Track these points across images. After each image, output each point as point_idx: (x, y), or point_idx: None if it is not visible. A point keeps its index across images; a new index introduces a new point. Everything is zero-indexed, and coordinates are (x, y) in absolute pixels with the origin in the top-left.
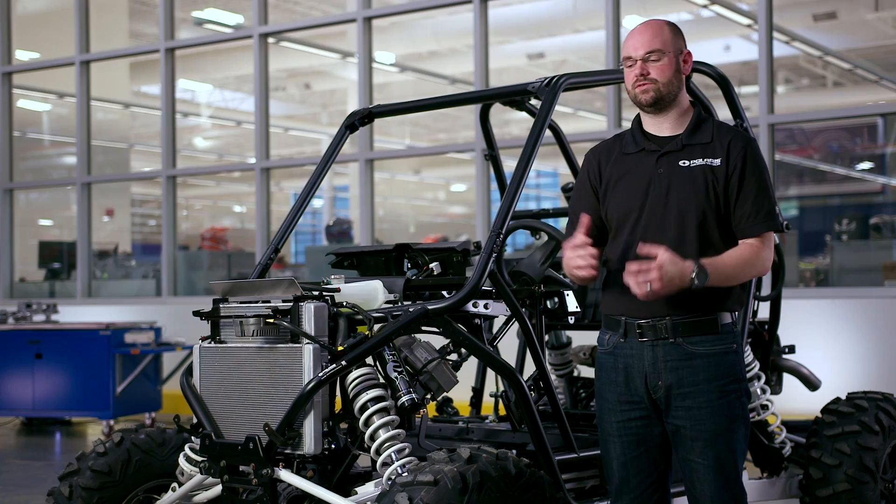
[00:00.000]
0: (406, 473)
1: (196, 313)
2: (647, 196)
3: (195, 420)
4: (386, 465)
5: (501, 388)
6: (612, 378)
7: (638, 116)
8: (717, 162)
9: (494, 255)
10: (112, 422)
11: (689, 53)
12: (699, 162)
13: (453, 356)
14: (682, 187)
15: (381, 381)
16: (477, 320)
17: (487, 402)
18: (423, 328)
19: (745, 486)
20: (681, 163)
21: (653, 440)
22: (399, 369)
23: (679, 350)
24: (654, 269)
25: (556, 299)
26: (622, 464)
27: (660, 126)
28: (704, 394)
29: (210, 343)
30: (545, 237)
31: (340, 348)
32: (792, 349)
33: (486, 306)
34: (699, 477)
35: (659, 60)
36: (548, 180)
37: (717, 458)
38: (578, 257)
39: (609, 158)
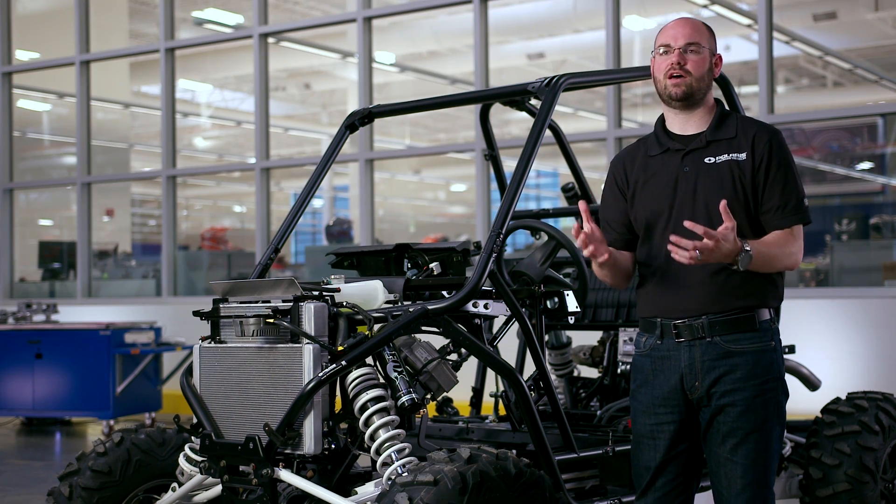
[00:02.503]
0: (406, 473)
1: (196, 313)
2: (674, 196)
3: (195, 420)
4: (386, 465)
5: (501, 388)
6: (647, 380)
7: (662, 117)
8: (743, 156)
9: (494, 255)
10: (112, 422)
11: (720, 57)
12: (724, 158)
13: (453, 356)
14: (708, 184)
15: (381, 381)
16: (477, 320)
17: (487, 402)
18: (423, 328)
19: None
20: (706, 160)
21: (683, 444)
22: (399, 369)
23: (716, 349)
24: (713, 240)
25: (556, 299)
26: (653, 467)
27: (685, 125)
28: (742, 391)
29: (210, 343)
30: (545, 237)
31: (340, 348)
32: (792, 349)
33: (486, 306)
34: (728, 472)
35: (698, 53)
36: (548, 180)
37: (748, 455)
38: (585, 243)
39: (634, 162)
